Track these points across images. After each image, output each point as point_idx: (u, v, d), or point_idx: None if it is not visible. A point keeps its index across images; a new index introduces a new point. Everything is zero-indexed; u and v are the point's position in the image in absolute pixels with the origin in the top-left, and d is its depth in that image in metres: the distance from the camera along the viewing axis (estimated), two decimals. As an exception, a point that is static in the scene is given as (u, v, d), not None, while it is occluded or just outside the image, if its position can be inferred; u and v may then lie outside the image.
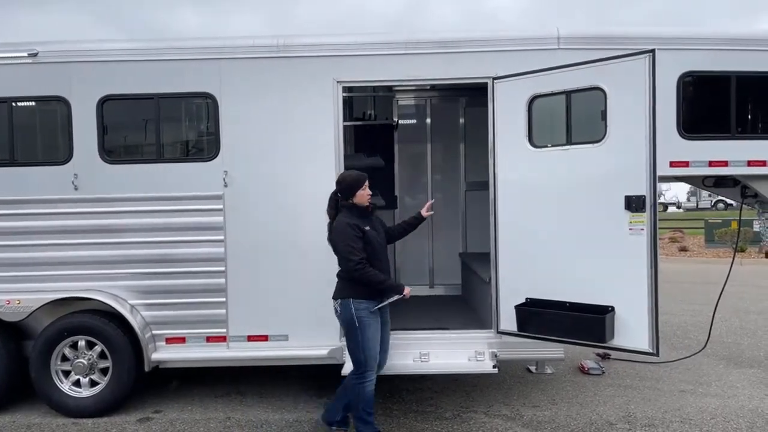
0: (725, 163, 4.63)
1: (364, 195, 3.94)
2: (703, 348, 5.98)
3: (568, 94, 4.25)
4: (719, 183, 5.00)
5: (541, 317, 4.34)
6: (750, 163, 4.63)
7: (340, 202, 3.98)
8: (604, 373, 5.68)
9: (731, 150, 4.62)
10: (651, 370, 5.74)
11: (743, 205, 5.11)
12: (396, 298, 3.90)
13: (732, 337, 7.13)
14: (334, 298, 3.98)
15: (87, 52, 4.68)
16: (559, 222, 4.29)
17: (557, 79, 4.26)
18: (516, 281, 4.51)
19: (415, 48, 4.65)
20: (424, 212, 4.34)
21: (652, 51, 3.86)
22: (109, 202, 4.65)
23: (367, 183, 3.97)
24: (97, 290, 4.66)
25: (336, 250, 3.90)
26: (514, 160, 4.47)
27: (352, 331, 3.88)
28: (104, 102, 4.63)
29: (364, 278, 3.78)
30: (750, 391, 5.15)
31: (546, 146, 4.37)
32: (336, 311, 3.98)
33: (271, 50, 4.63)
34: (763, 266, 14.56)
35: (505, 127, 4.52)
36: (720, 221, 19.62)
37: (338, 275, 3.98)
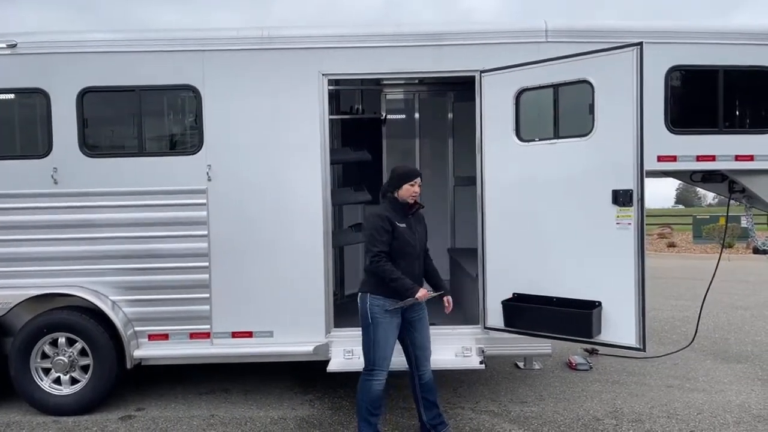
0: (713, 158, 4.62)
1: (409, 191, 3.80)
2: (690, 343, 6.00)
3: (555, 87, 4.21)
4: (707, 178, 4.98)
5: (528, 313, 4.31)
6: (737, 158, 4.62)
7: (387, 192, 3.89)
8: (591, 368, 5.67)
9: (719, 144, 4.60)
10: (638, 365, 5.74)
11: (731, 201, 5.10)
12: (410, 301, 3.71)
13: (719, 333, 7.16)
14: (358, 290, 3.90)
15: (67, 44, 4.59)
16: (546, 216, 4.26)
17: (545, 72, 4.22)
18: (503, 276, 4.47)
19: (402, 41, 4.59)
20: (445, 305, 4.10)
21: (640, 44, 3.83)
22: (90, 196, 4.56)
23: (418, 180, 3.83)
24: (77, 286, 4.58)
25: (364, 239, 3.80)
26: (502, 154, 4.43)
27: (365, 326, 3.80)
28: (84, 94, 4.54)
29: (379, 271, 3.68)
30: (737, 386, 5.16)
31: (533, 140, 4.34)
32: (358, 304, 3.89)
33: (256, 42, 4.56)
34: (751, 262, 14.68)
35: (492, 121, 4.48)
36: (708, 217, 19.77)
37: (364, 268, 3.90)
